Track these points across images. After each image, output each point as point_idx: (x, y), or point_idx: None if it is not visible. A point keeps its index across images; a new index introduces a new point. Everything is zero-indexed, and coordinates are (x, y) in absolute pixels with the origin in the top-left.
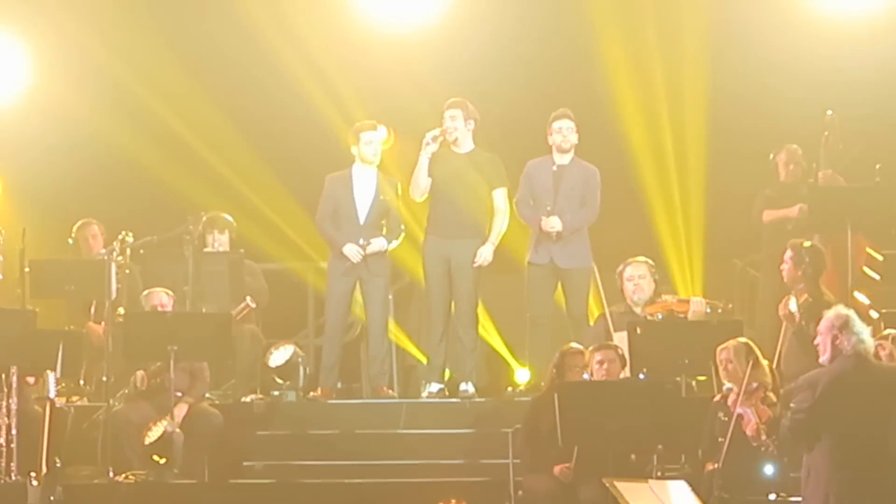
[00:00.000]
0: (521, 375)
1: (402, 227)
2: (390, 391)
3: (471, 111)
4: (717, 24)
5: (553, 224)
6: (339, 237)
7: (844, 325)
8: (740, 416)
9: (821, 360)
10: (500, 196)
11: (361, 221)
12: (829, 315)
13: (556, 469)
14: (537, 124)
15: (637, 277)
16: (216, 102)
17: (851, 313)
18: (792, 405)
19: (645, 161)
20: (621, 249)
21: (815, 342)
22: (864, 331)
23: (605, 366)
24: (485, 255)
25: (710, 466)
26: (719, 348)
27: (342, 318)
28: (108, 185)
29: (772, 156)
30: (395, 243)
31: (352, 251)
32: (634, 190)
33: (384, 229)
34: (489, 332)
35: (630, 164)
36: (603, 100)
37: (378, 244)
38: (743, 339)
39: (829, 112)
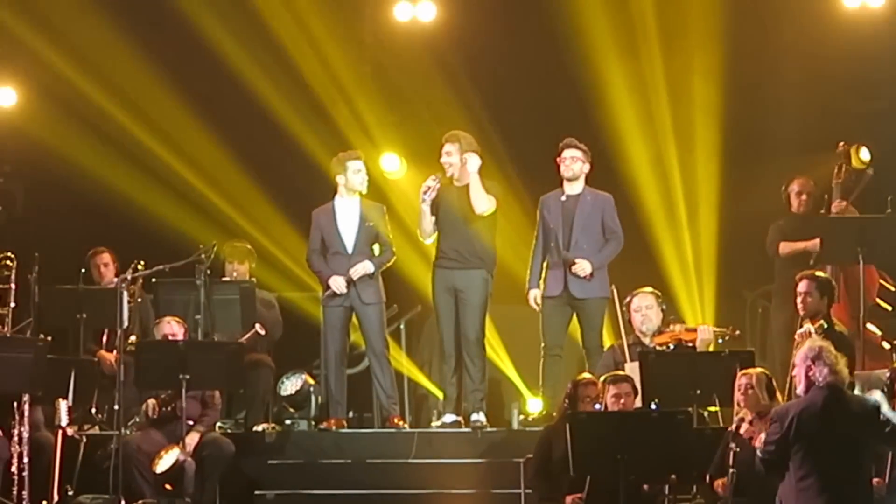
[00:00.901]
0: (533, 405)
1: (393, 249)
2: (401, 423)
3: (466, 143)
4: (728, 54)
5: (584, 268)
6: (326, 270)
7: (817, 357)
8: (749, 438)
9: (797, 391)
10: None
11: (350, 251)
12: (804, 347)
13: (569, 500)
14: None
15: (644, 308)
16: (214, 135)
17: (825, 345)
18: (765, 437)
19: (655, 194)
20: (632, 282)
21: (793, 374)
22: (839, 362)
23: (621, 400)
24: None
25: (718, 483)
26: (741, 373)
27: (340, 350)
28: (113, 217)
29: (784, 187)
30: (391, 260)
31: (336, 283)
32: (645, 222)
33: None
34: (503, 362)
35: (640, 196)
36: (612, 130)
37: (364, 267)
38: (759, 369)
39: (842, 143)
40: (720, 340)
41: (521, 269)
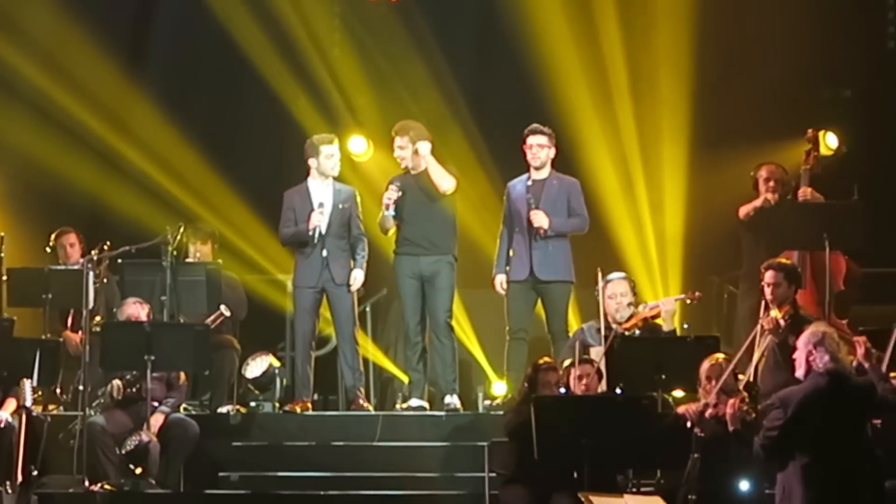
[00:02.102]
0: (499, 388)
1: (363, 233)
2: (367, 405)
3: (415, 133)
4: (696, 36)
5: (539, 219)
6: (301, 224)
7: (819, 343)
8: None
9: (797, 374)
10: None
11: (323, 232)
12: (807, 331)
13: None
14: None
15: (619, 295)
16: (172, 120)
17: (828, 330)
18: (765, 423)
19: (621, 179)
20: (600, 267)
21: (794, 356)
22: (841, 350)
23: (584, 381)
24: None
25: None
26: (705, 365)
27: (309, 332)
28: (76, 201)
29: (752, 172)
30: (365, 254)
31: (315, 218)
32: (611, 207)
33: (352, 248)
34: (472, 346)
35: (605, 181)
36: (576, 115)
37: (358, 277)
38: (722, 355)
39: (811, 130)
40: (685, 327)
41: (491, 253)
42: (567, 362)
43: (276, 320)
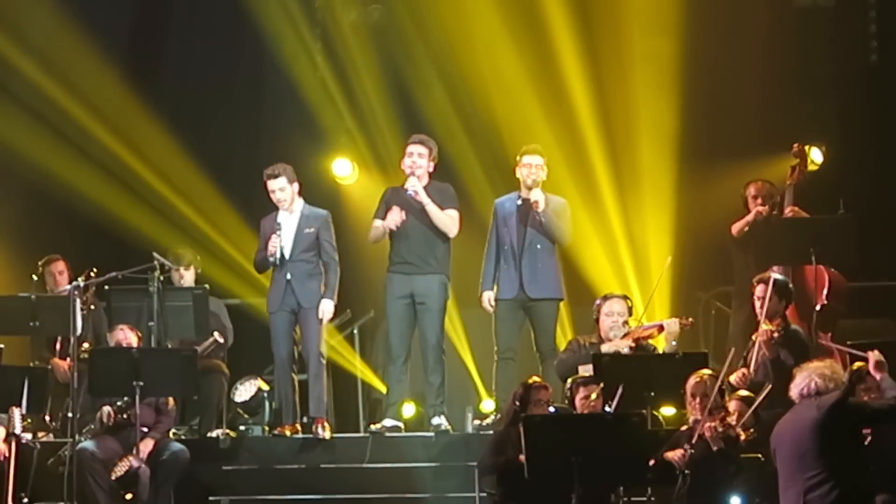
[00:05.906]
0: (488, 406)
1: (336, 259)
2: (324, 433)
3: (434, 150)
4: (680, 53)
5: (535, 195)
6: (262, 251)
7: (805, 377)
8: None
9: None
10: (451, 212)
11: (288, 257)
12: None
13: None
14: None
15: (616, 314)
16: (171, 136)
17: (812, 365)
18: None
19: (611, 195)
20: (590, 285)
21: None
22: (819, 373)
23: (593, 403)
24: (421, 194)
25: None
26: (692, 381)
27: (286, 355)
28: (70, 223)
29: (742, 191)
30: (337, 273)
31: (273, 242)
32: (600, 224)
33: (321, 275)
34: (463, 365)
35: (596, 197)
36: (569, 129)
37: (326, 308)
38: (708, 371)
39: (796, 145)
40: (673, 343)
41: (478, 272)
42: (571, 380)
43: (265, 344)
